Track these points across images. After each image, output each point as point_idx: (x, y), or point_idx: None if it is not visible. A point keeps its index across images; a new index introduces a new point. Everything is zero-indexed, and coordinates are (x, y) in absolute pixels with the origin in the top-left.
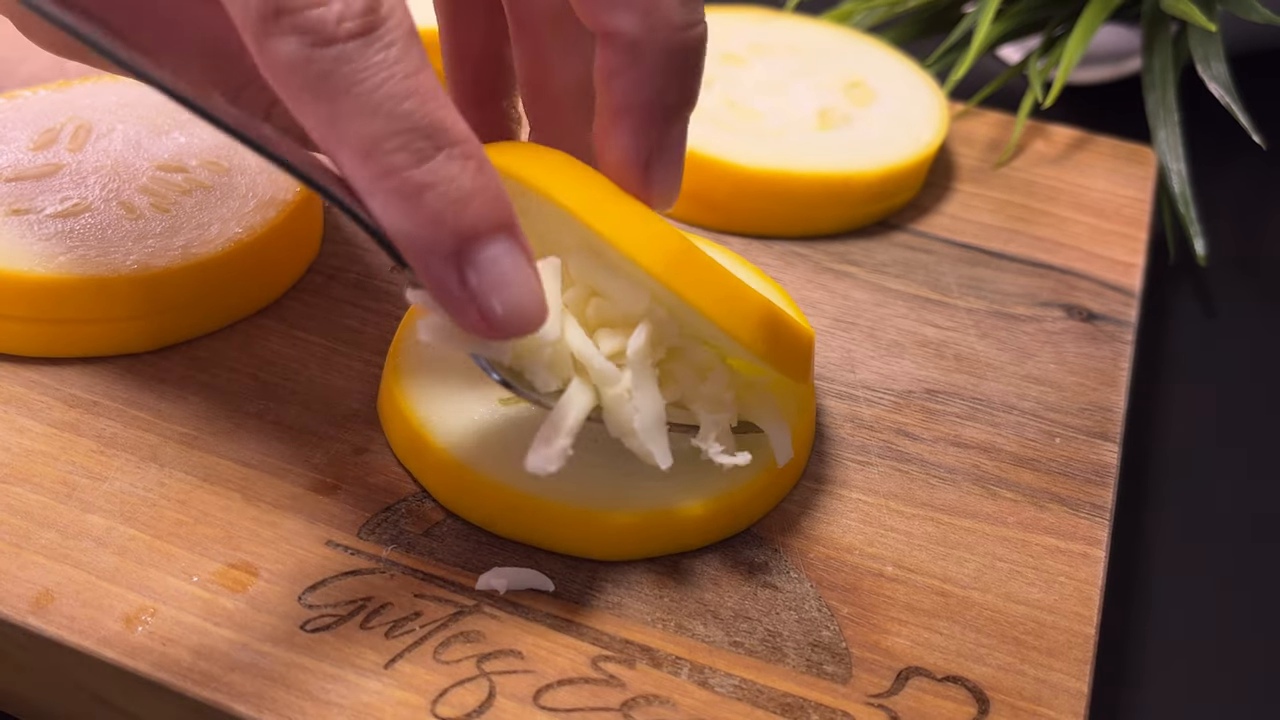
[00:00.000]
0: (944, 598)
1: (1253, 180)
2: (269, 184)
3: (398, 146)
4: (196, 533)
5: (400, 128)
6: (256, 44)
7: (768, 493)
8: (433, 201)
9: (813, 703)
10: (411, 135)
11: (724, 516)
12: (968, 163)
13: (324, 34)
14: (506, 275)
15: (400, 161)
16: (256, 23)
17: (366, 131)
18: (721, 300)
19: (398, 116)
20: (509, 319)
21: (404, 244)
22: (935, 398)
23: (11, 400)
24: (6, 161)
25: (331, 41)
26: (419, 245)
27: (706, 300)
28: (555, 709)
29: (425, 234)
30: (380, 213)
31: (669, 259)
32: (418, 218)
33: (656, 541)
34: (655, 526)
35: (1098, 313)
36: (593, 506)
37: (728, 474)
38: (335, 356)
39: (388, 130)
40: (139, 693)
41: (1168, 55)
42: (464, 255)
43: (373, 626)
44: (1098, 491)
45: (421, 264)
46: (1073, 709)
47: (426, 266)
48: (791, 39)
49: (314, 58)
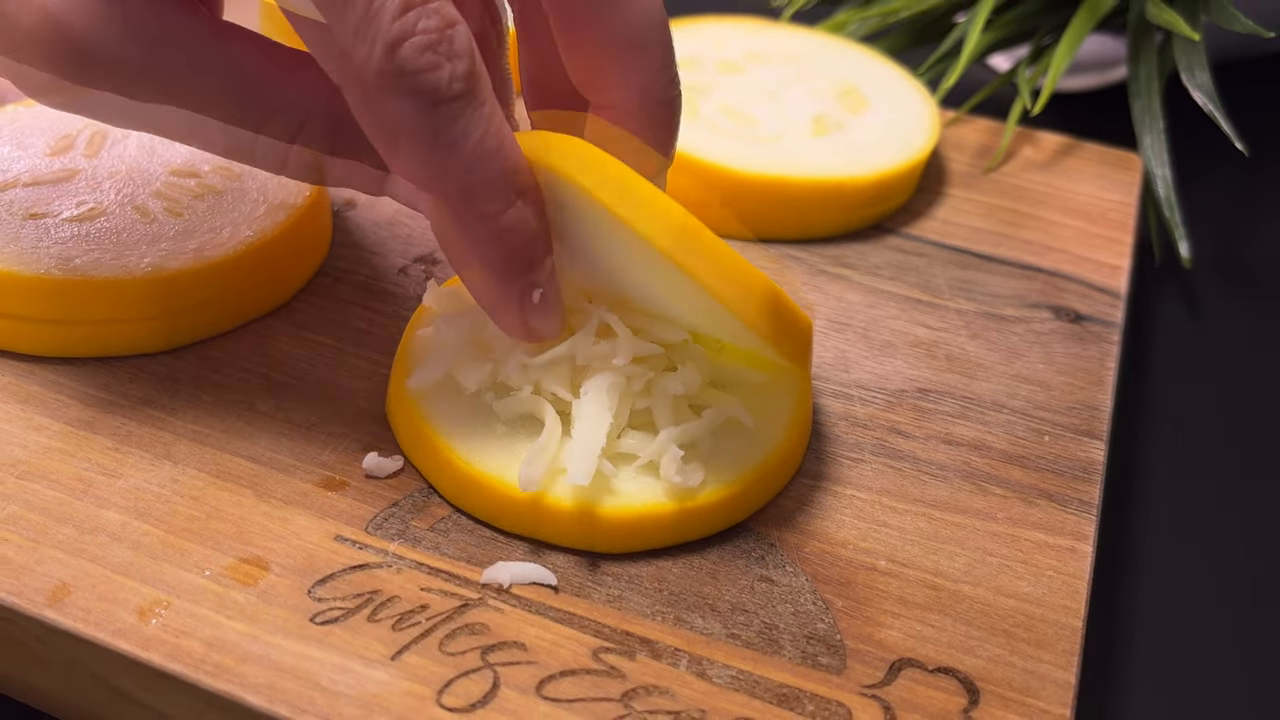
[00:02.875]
0: (936, 591)
1: (1235, 185)
2: (279, 189)
3: (492, 195)
4: (209, 528)
5: (494, 178)
6: (368, 99)
7: (765, 485)
8: (514, 241)
9: (808, 693)
10: (502, 185)
11: (721, 509)
12: (958, 168)
13: (437, 95)
14: (550, 301)
15: (494, 208)
16: (375, 79)
17: (468, 181)
18: (728, 279)
19: (492, 169)
20: (543, 335)
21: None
22: (927, 397)
23: (29, 399)
24: (24, 167)
25: (442, 101)
26: (497, 274)
27: (713, 278)
28: (558, 699)
29: (504, 265)
30: (469, 247)
31: (678, 235)
32: (502, 252)
33: (656, 534)
34: (653, 520)
35: (1085, 314)
36: (591, 503)
37: (723, 468)
38: (343, 356)
39: (485, 180)
40: (153, 684)
41: (1153, 64)
42: (527, 284)
43: (380, 619)
44: (1085, 488)
45: (495, 290)
46: (1061, 699)
47: (501, 287)
48: (787, 48)
49: (427, 116)
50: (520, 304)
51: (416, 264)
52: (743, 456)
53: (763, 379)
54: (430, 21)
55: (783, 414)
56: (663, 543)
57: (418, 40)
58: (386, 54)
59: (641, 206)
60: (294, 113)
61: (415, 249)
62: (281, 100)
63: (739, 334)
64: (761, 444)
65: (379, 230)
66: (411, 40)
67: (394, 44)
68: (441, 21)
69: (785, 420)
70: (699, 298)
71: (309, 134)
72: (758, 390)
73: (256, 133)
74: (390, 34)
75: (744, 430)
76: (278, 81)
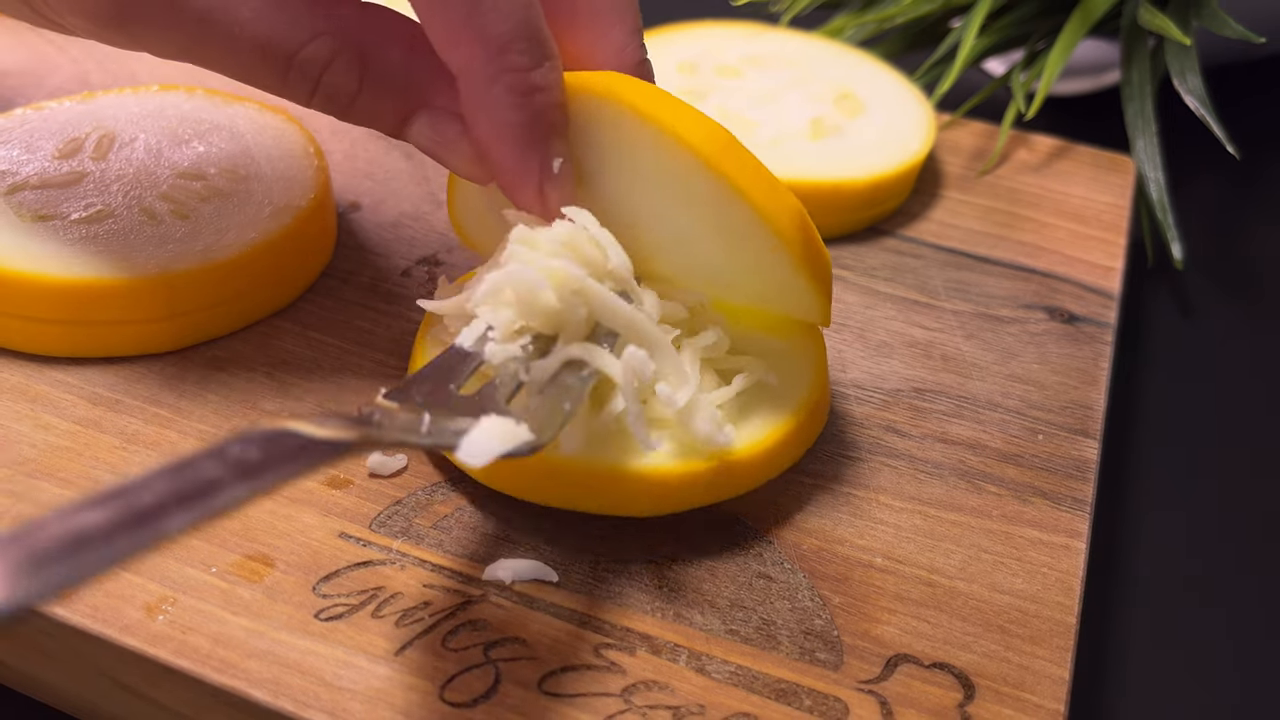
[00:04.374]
0: (931, 588)
1: (1227, 187)
2: (284, 191)
3: (522, 49)
4: (215, 525)
5: (525, 33)
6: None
7: (793, 443)
8: (540, 101)
9: (805, 688)
10: (532, 41)
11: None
12: (954, 171)
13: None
14: (566, 174)
15: (523, 62)
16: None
17: (499, 30)
18: (765, 191)
19: (524, 23)
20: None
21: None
22: (923, 396)
23: (38, 398)
24: (33, 170)
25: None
26: (520, 135)
27: (752, 188)
28: (559, 694)
29: (528, 127)
30: (495, 104)
31: (720, 147)
32: (527, 111)
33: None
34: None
35: (1079, 314)
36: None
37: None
38: (347, 356)
39: (516, 33)
40: (159, 679)
41: (1145, 68)
42: (548, 151)
43: (384, 615)
44: (1079, 486)
45: (517, 150)
46: (1055, 694)
47: (522, 153)
48: (784, 52)
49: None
50: (541, 172)
51: (420, 265)
52: (772, 415)
53: (780, 345)
54: None
55: (804, 374)
56: (697, 502)
57: None
58: None
59: (684, 119)
60: (328, 41)
61: (418, 250)
62: (317, 27)
63: (767, 264)
64: (788, 402)
65: (383, 232)
66: None
67: None
68: None
69: (807, 380)
70: (735, 215)
71: (340, 65)
72: (777, 354)
73: (290, 60)
74: None
75: (769, 391)
76: (314, 10)
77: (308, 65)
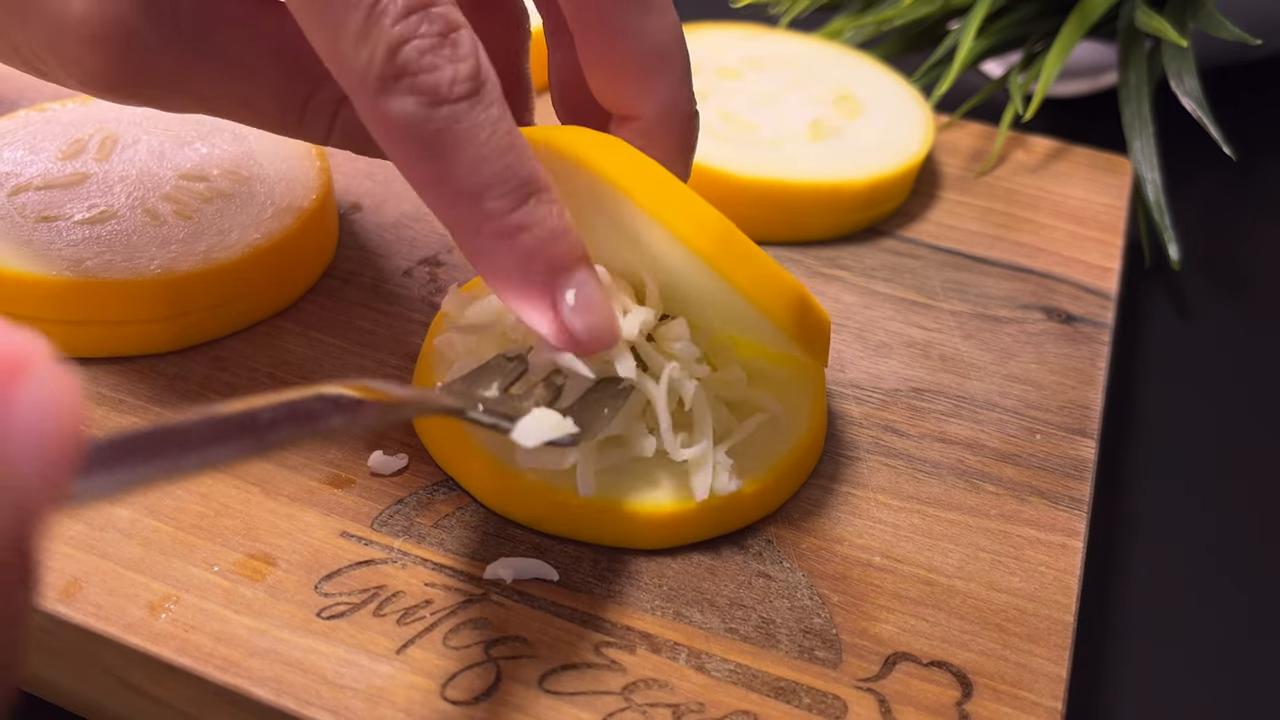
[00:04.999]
0: (929, 586)
1: (1223, 188)
2: (286, 192)
3: (501, 194)
4: (217, 525)
5: (502, 177)
6: (372, 102)
7: (792, 476)
8: (528, 240)
9: (804, 686)
10: (511, 184)
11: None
12: (952, 172)
13: (439, 95)
14: (590, 301)
15: (502, 206)
16: (376, 82)
17: (474, 181)
18: (761, 283)
19: (500, 168)
20: (593, 339)
21: (503, 279)
22: (921, 396)
23: None
24: (37, 171)
25: (445, 102)
26: (517, 278)
27: (748, 282)
28: (559, 692)
29: (522, 268)
30: (484, 252)
31: (716, 240)
32: (516, 254)
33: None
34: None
35: (1076, 315)
36: (635, 503)
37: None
38: (349, 357)
39: (492, 180)
40: (162, 677)
41: (1142, 70)
42: (555, 285)
43: (385, 614)
44: (1076, 485)
45: (519, 295)
46: (1052, 692)
47: (525, 295)
48: (784, 54)
49: (430, 116)
50: (554, 308)
51: (421, 266)
52: (770, 450)
53: (780, 373)
54: (433, 26)
55: (803, 405)
56: (699, 538)
57: (419, 43)
58: (388, 56)
59: (680, 210)
60: (335, 92)
61: (420, 251)
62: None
63: (765, 333)
64: (787, 437)
65: (384, 233)
66: (413, 43)
67: (395, 47)
68: (444, 25)
69: (806, 411)
70: (729, 300)
71: (349, 115)
72: (776, 383)
73: (305, 103)
74: (391, 37)
75: (770, 423)
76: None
77: (324, 104)
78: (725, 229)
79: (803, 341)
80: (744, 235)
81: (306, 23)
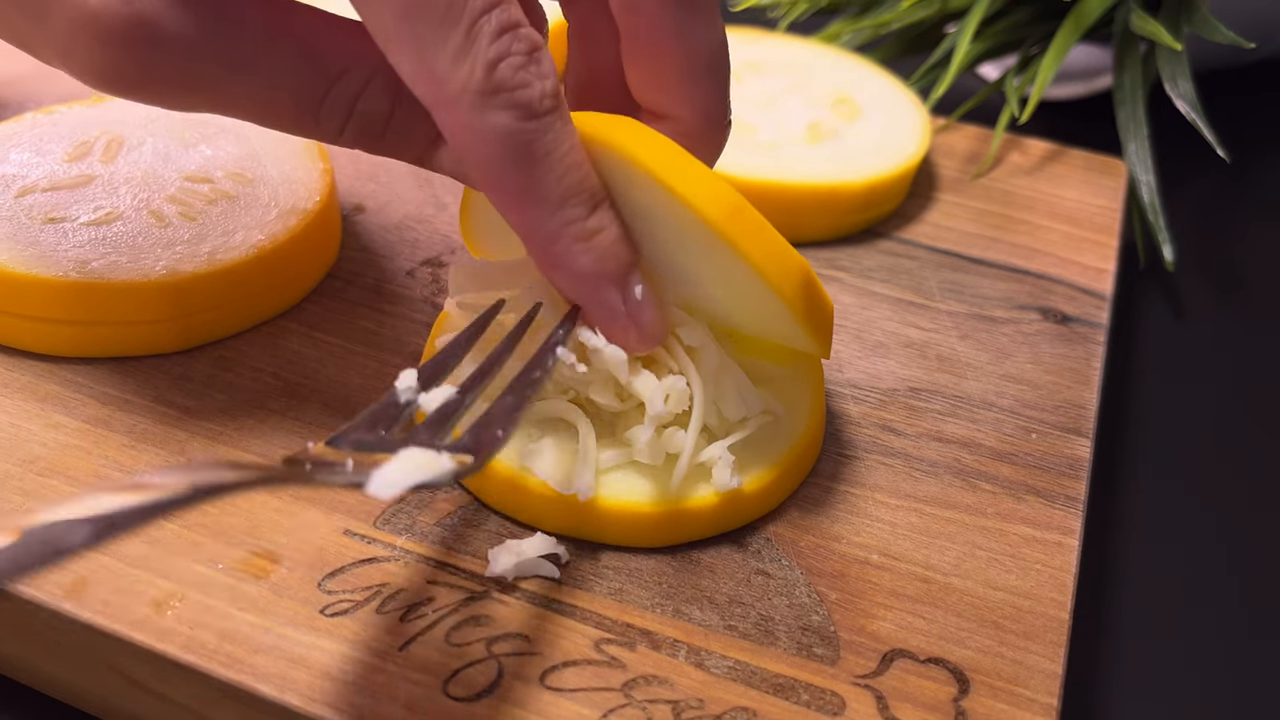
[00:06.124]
0: (926, 584)
1: (1217, 190)
2: (290, 194)
3: (579, 202)
4: (222, 523)
5: (581, 186)
6: (468, 116)
7: (793, 473)
8: (603, 242)
9: (803, 683)
10: (588, 192)
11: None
12: (949, 174)
13: (531, 109)
14: (650, 296)
15: (581, 213)
16: (474, 98)
17: (558, 190)
18: (770, 256)
19: (579, 178)
20: (651, 335)
21: (580, 280)
22: (918, 395)
23: (48, 398)
24: (43, 173)
25: (536, 115)
26: (594, 277)
27: (758, 254)
28: (560, 689)
29: (598, 267)
30: (564, 255)
31: (728, 212)
32: (593, 254)
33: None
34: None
35: (1071, 315)
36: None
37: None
38: (352, 357)
39: (572, 188)
40: (168, 674)
41: (1137, 73)
42: (627, 283)
43: (388, 611)
44: (1071, 484)
45: (596, 294)
46: (1048, 689)
47: (600, 293)
48: (783, 57)
49: (523, 129)
50: (625, 304)
51: (424, 267)
52: (770, 449)
53: (780, 372)
54: (522, 44)
55: (802, 405)
56: (698, 536)
57: (514, 60)
58: (486, 73)
59: (695, 183)
60: (356, 77)
61: (422, 252)
62: (344, 65)
63: (770, 313)
64: (786, 436)
65: (387, 234)
66: (508, 60)
67: (492, 64)
68: (531, 44)
69: (805, 410)
70: (740, 274)
71: (369, 98)
72: (776, 382)
73: (321, 100)
74: (489, 55)
75: (769, 423)
76: (340, 47)
77: (339, 101)
78: (737, 201)
79: (808, 321)
80: (755, 210)
81: (397, 41)
